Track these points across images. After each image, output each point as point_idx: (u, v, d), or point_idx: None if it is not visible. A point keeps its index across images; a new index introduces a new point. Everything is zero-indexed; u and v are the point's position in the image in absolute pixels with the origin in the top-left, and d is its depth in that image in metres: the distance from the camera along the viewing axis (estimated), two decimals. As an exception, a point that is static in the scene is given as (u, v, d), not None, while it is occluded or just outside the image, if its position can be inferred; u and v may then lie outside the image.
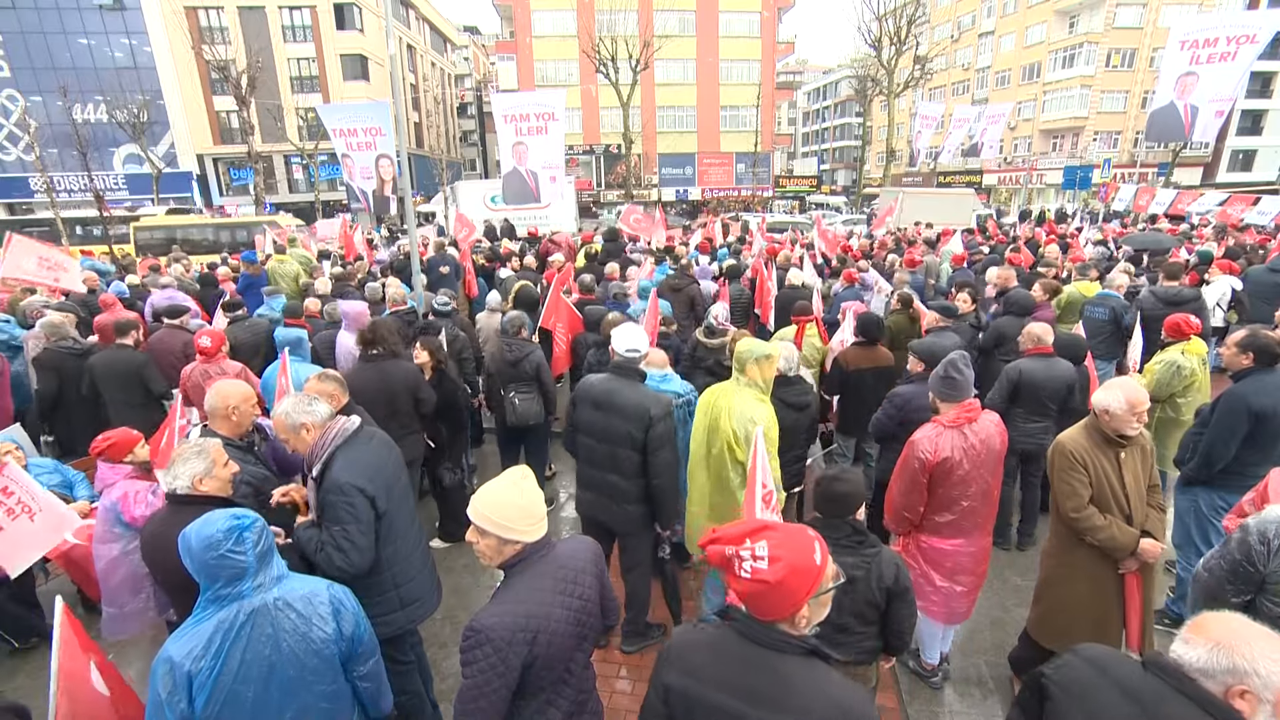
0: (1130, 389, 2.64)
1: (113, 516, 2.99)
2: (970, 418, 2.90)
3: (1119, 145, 35.66)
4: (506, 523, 1.73)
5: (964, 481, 2.87)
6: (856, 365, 4.70)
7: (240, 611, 1.76)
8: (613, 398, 3.17)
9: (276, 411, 2.50)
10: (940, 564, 3.03)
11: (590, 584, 1.88)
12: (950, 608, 3.10)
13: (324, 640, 1.87)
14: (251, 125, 21.30)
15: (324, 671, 1.90)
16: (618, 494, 3.24)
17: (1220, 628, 1.33)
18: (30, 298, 7.47)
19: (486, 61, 52.39)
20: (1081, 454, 2.70)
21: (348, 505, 2.32)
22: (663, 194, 38.17)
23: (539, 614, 1.71)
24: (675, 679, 1.49)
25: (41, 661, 3.67)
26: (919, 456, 2.87)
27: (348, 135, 12.35)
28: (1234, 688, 1.27)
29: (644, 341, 3.34)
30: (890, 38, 28.10)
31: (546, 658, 1.73)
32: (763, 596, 1.38)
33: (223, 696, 1.72)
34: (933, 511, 2.98)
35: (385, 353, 4.14)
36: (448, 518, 4.78)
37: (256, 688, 1.77)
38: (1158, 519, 2.73)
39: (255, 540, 1.77)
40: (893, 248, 11.18)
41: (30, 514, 3.06)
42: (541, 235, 14.85)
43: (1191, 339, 4.38)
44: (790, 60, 49.08)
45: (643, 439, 3.09)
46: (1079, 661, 1.56)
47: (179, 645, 1.72)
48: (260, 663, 1.77)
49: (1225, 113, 11.97)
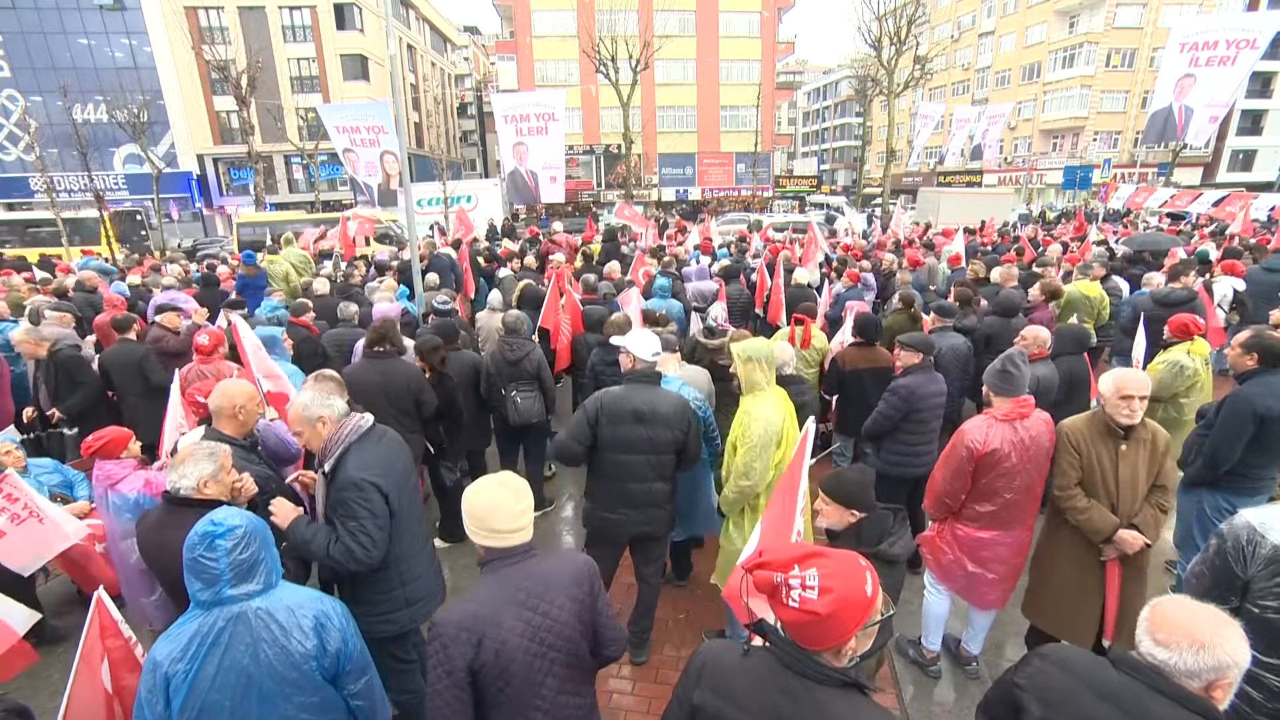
0: (1121, 375, 2.68)
1: (132, 506, 3.02)
2: (1024, 413, 2.94)
3: (1119, 145, 35.67)
4: (469, 522, 1.78)
5: (1010, 474, 2.92)
6: (854, 365, 4.70)
7: (220, 617, 1.73)
8: (655, 408, 3.13)
9: (295, 403, 2.48)
10: (975, 552, 3.09)
11: (562, 604, 1.78)
12: (975, 590, 3.14)
13: (303, 655, 1.81)
14: (251, 125, 21.30)
15: (304, 685, 1.83)
16: (660, 499, 3.25)
17: (1191, 621, 1.34)
18: (35, 297, 7.48)
19: (486, 61, 52.38)
20: (1077, 439, 2.80)
21: (364, 500, 2.32)
22: (663, 194, 38.18)
23: (486, 617, 1.68)
24: (707, 700, 1.44)
25: (42, 661, 3.67)
26: (968, 445, 2.93)
27: (350, 132, 12.41)
28: (1217, 682, 1.31)
29: (659, 344, 3.34)
30: (890, 38, 28.08)
31: (497, 668, 1.67)
32: (810, 627, 1.31)
33: (198, 703, 1.70)
34: (974, 500, 3.04)
35: (390, 351, 4.15)
36: (448, 517, 4.78)
37: (234, 697, 1.73)
38: (1152, 516, 2.74)
39: (230, 548, 1.72)
40: (892, 248, 11.18)
41: (38, 518, 3.14)
42: (541, 235, 14.85)
43: (1195, 339, 4.38)
44: (790, 60, 49.06)
45: (685, 440, 3.17)
46: (1048, 666, 1.55)
47: (162, 646, 1.72)
48: (238, 671, 1.73)
49: (1219, 118, 11.96)
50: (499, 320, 5.28)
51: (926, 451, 3.91)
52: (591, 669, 1.93)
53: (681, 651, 3.62)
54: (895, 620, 3.46)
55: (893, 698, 3.26)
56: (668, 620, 3.88)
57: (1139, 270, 8.50)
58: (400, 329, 5.60)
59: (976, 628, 3.37)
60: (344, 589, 2.60)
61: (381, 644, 2.76)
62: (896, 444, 3.94)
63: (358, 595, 2.54)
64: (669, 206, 37.52)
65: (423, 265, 8.20)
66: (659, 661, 3.55)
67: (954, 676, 3.43)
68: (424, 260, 8.71)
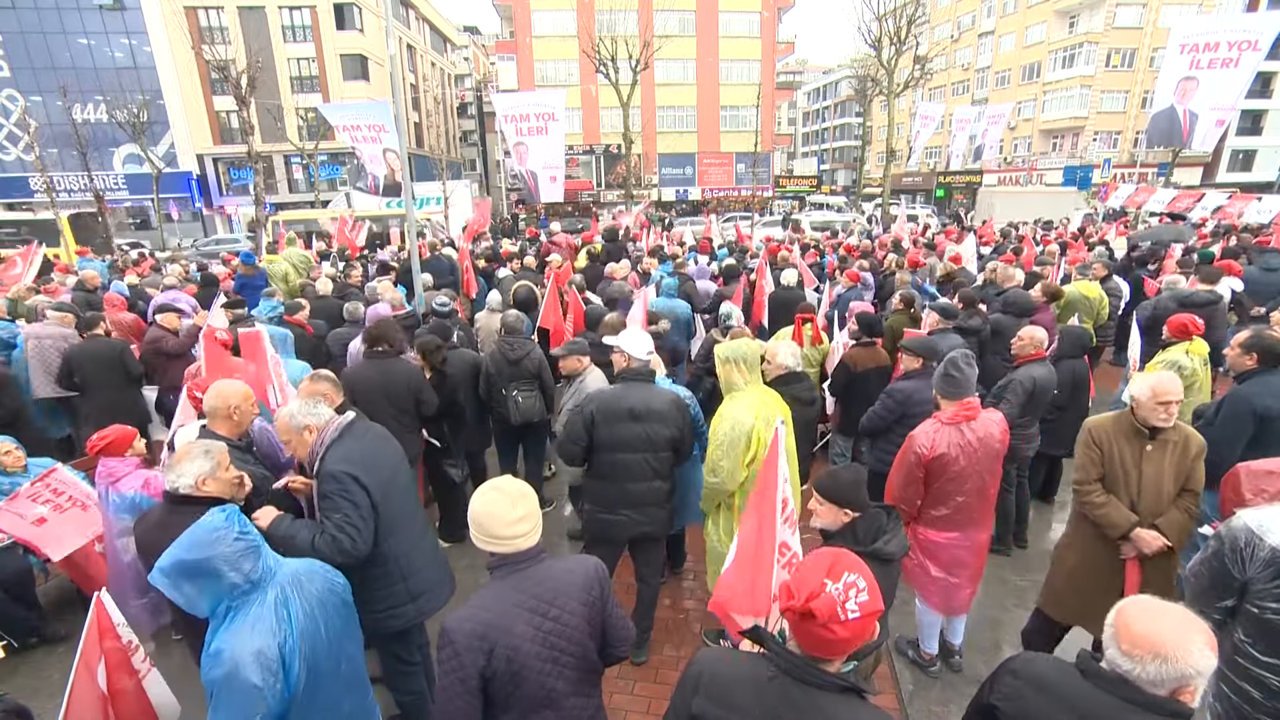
0: (1159, 380, 2.67)
1: (129, 505, 3.03)
2: (969, 415, 2.95)
3: (1119, 145, 35.65)
4: (471, 528, 1.78)
5: (960, 477, 2.94)
6: (863, 365, 4.70)
7: (276, 587, 1.85)
8: (650, 405, 3.16)
9: (281, 414, 2.51)
10: (936, 556, 3.11)
11: (574, 609, 1.78)
12: (947, 598, 3.16)
13: (344, 587, 2.10)
14: (251, 125, 21.23)
15: (352, 619, 2.12)
16: (661, 497, 3.27)
17: (1154, 631, 1.34)
18: (35, 297, 7.47)
19: (486, 61, 52.35)
20: (1101, 436, 2.81)
21: (344, 492, 2.34)
22: (663, 194, 38.18)
23: (499, 625, 1.68)
24: (707, 709, 1.43)
25: (42, 661, 3.68)
26: (916, 450, 2.95)
27: (351, 130, 12.55)
28: (1182, 689, 1.33)
29: (651, 343, 3.35)
30: (890, 38, 28.04)
31: (509, 674, 1.68)
32: (864, 630, 1.30)
33: (306, 662, 1.83)
34: (929, 505, 3.06)
35: (389, 351, 4.16)
36: (446, 517, 4.78)
37: (321, 645, 1.90)
38: (1178, 519, 2.72)
39: (245, 522, 1.85)
40: (892, 248, 11.17)
41: (82, 505, 3.51)
42: (540, 235, 14.85)
43: (1194, 339, 4.38)
44: (790, 60, 49.06)
45: (679, 436, 3.21)
46: (1023, 686, 1.56)
47: (250, 637, 1.73)
48: (316, 621, 1.91)
49: (1226, 121, 11.87)
50: (498, 320, 5.29)
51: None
52: (598, 669, 1.92)
53: (681, 651, 3.62)
54: (895, 620, 3.48)
55: (893, 698, 3.26)
56: (668, 620, 3.88)
57: (1143, 271, 8.50)
58: (402, 327, 5.62)
59: (955, 623, 3.41)
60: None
61: (386, 644, 2.77)
62: (889, 444, 3.95)
63: (360, 593, 2.54)
64: (669, 206, 37.53)
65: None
66: (659, 661, 3.56)
67: (954, 676, 3.42)
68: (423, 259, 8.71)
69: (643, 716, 3.20)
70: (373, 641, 2.61)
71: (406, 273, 8.42)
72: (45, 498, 3.44)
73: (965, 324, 5.29)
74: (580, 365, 4.03)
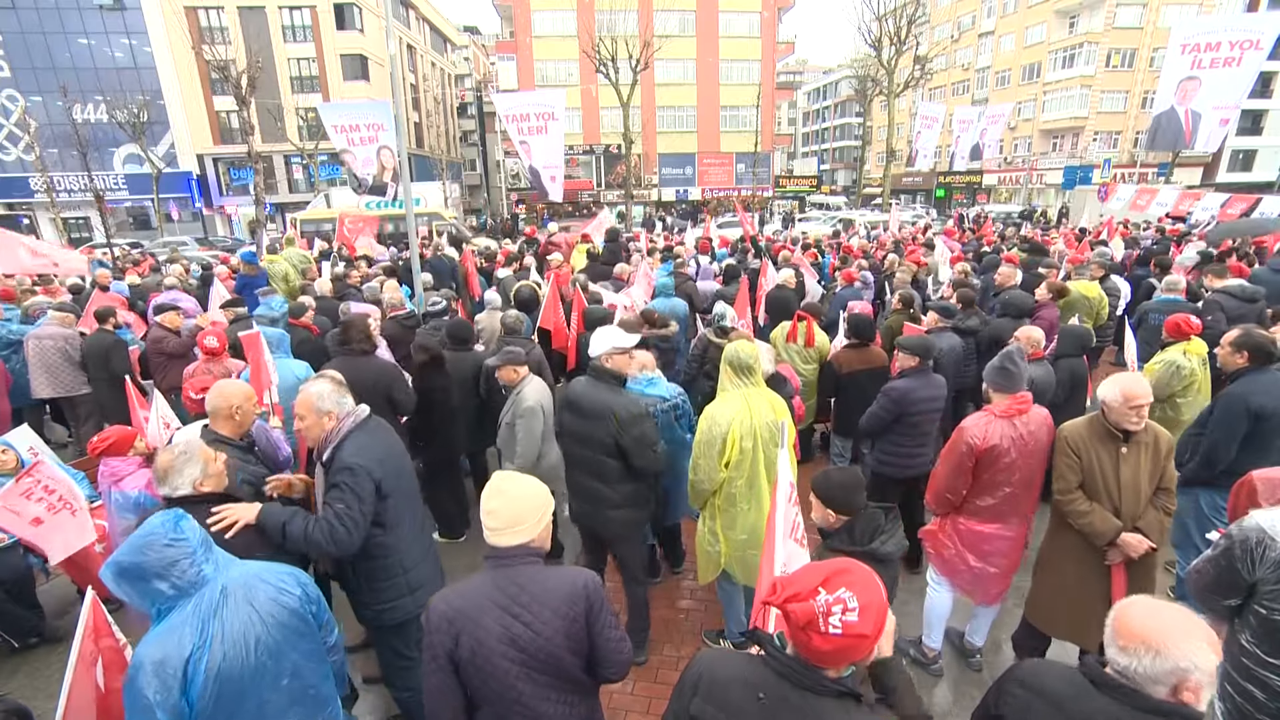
0: (1128, 382, 2.66)
1: (133, 505, 3.04)
2: (1022, 409, 2.99)
3: (1119, 145, 35.65)
4: (484, 514, 1.79)
5: (1009, 469, 2.97)
6: (850, 367, 4.70)
7: (208, 595, 1.76)
8: (582, 402, 3.19)
9: (307, 390, 2.49)
10: (977, 546, 3.13)
11: (547, 619, 1.74)
12: (979, 584, 3.18)
13: (293, 600, 1.95)
14: (251, 125, 21.29)
15: (302, 630, 1.96)
16: (601, 500, 3.25)
17: (1149, 627, 1.35)
18: (34, 298, 7.48)
19: (486, 61, 52.37)
20: (1077, 442, 2.79)
21: (354, 484, 2.37)
22: (663, 194, 38.18)
23: (468, 614, 1.73)
24: (705, 711, 1.43)
25: (42, 661, 3.68)
26: (967, 441, 2.97)
27: (349, 131, 12.49)
28: (1182, 685, 1.33)
29: (613, 342, 3.27)
30: (890, 38, 28.08)
31: (473, 665, 1.72)
32: (850, 650, 1.28)
33: (215, 677, 1.72)
34: (975, 495, 3.08)
35: (356, 349, 4.12)
36: (441, 516, 4.77)
37: (246, 660, 1.79)
38: (1156, 519, 2.73)
39: (186, 527, 1.77)
40: (891, 248, 11.18)
41: (71, 510, 3.42)
42: (539, 236, 14.84)
43: (1192, 339, 4.37)
44: (790, 60, 49.02)
45: (614, 444, 3.11)
46: (1029, 696, 1.54)
47: (158, 645, 1.68)
48: (245, 634, 1.80)
49: (1230, 120, 11.86)
50: (499, 320, 5.29)
51: (920, 454, 3.90)
52: (583, 684, 1.89)
53: (681, 651, 3.63)
54: (895, 620, 3.46)
55: (892, 698, 3.26)
56: (667, 620, 3.89)
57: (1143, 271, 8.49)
58: (402, 328, 5.62)
59: (980, 620, 3.41)
60: (348, 580, 2.64)
61: (384, 638, 2.78)
62: (889, 444, 3.95)
63: (362, 585, 2.60)
64: (669, 206, 37.54)
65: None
66: (659, 662, 3.56)
67: (955, 676, 3.43)
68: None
69: (642, 716, 3.21)
70: (371, 637, 2.62)
71: (407, 272, 8.43)
72: (39, 496, 3.39)
73: (963, 324, 5.28)
74: (516, 376, 3.93)
